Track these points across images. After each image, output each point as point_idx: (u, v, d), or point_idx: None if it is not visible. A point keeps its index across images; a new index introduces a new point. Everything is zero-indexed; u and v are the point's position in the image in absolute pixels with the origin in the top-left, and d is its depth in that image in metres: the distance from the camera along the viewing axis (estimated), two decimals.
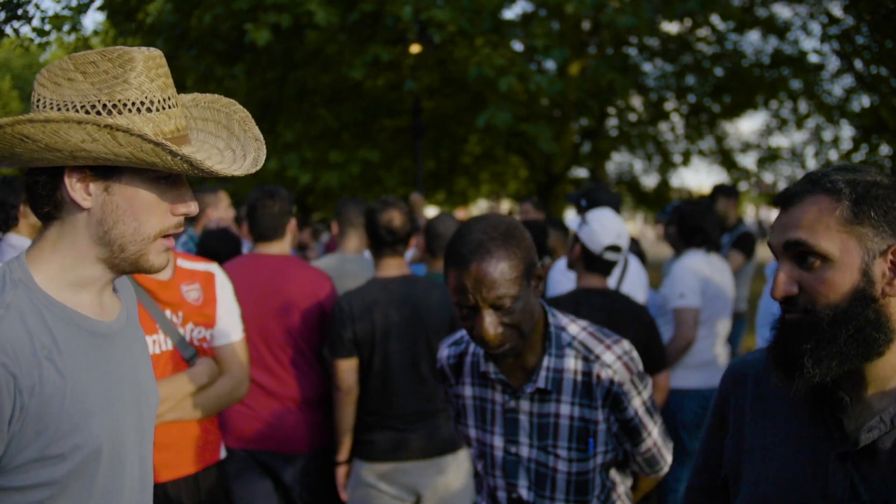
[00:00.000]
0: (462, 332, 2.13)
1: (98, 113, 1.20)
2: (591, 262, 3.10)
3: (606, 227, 3.06)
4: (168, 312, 2.45)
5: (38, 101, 1.23)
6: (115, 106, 1.21)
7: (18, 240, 3.48)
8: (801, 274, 1.22)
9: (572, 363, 1.89)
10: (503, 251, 1.75)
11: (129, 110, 1.22)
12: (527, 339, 1.82)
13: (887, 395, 1.22)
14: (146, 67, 1.23)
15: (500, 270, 1.73)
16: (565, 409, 1.88)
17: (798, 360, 1.20)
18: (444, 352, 2.12)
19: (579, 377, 1.88)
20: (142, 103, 1.22)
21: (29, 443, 1.18)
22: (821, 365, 1.19)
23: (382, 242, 3.19)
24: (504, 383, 1.94)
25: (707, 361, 4.18)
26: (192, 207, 1.31)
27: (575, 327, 1.94)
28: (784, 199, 1.26)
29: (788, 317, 1.23)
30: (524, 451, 1.93)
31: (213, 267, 2.65)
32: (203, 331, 2.52)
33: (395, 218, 3.17)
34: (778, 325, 1.26)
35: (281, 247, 3.35)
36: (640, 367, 1.93)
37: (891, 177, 1.23)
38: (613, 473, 1.98)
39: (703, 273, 4.09)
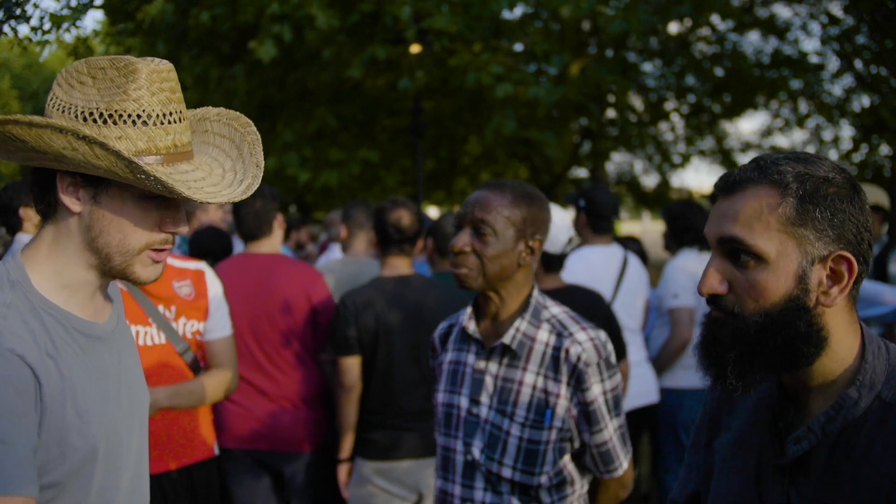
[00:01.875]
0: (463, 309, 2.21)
1: (94, 121, 1.20)
2: (552, 263, 3.10)
3: (560, 224, 3.05)
4: (161, 307, 2.50)
5: (52, 100, 1.24)
6: (111, 115, 1.20)
7: (28, 239, 3.53)
8: (732, 272, 1.12)
9: (545, 336, 1.95)
10: (513, 196, 1.93)
11: (125, 121, 1.21)
12: (485, 281, 1.93)
13: (826, 402, 1.13)
14: (149, 80, 1.22)
15: (498, 203, 1.91)
16: (529, 378, 1.94)
17: (722, 369, 1.12)
18: (440, 326, 2.23)
19: (549, 350, 1.94)
20: (138, 116, 1.21)
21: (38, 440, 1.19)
22: (744, 378, 1.11)
23: (390, 241, 3.19)
24: (479, 342, 2.02)
25: None
26: (182, 228, 1.30)
27: (558, 309, 2.02)
28: (726, 186, 1.14)
29: (714, 314, 1.14)
30: (483, 412, 1.97)
31: (202, 265, 2.71)
32: (196, 324, 2.58)
33: (404, 217, 3.18)
34: (704, 323, 1.17)
35: (271, 244, 3.32)
36: (612, 358, 1.96)
37: (845, 174, 1.11)
38: (571, 468, 1.97)
39: (696, 272, 4.07)
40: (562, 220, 3.10)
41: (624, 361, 3.36)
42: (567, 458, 1.96)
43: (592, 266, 3.70)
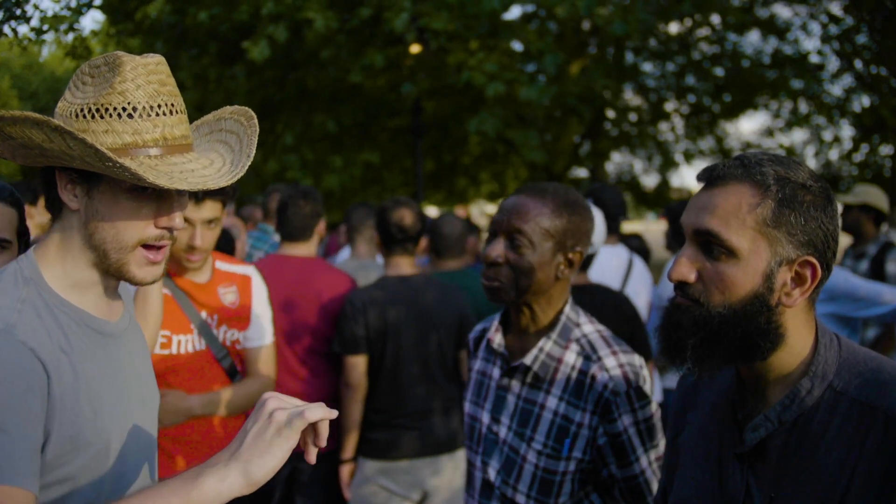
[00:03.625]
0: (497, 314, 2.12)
1: (84, 116, 1.22)
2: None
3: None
4: (204, 314, 2.51)
5: (60, 104, 1.27)
6: (97, 110, 1.22)
7: None
8: (703, 262, 1.16)
9: (573, 358, 1.79)
10: (553, 204, 1.77)
11: (111, 115, 1.22)
12: (519, 295, 1.78)
13: (782, 392, 1.17)
14: (134, 74, 1.23)
15: (537, 212, 1.75)
16: (552, 403, 1.79)
17: (681, 353, 1.16)
18: (477, 327, 2.14)
19: (575, 374, 1.78)
20: (123, 109, 1.22)
21: (48, 435, 1.19)
22: (702, 364, 1.15)
23: (393, 240, 3.20)
24: (504, 358, 1.90)
25: None
26: (177, 221, 1.29)
27: (590, 327, 1.85)
28: (709, 177, 1.18)
29: (679, 300, 1.18)
30: (502, 432, 1.86)
31: (250, 270, 2.71)
32: (236, 333, 2.60)
33: (406, 216, 3.19)
34: (668, 307, 1.20)
35: (308, 248, 3.36)
36: (646, 385, 1.77)
37: (821, 182, 1.15)
38: (595, 498, 1.82)
39: None
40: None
41: (650, 364, 3.31)
42: (589, 488, 1.80)
43: (599, 265, 3.71)
